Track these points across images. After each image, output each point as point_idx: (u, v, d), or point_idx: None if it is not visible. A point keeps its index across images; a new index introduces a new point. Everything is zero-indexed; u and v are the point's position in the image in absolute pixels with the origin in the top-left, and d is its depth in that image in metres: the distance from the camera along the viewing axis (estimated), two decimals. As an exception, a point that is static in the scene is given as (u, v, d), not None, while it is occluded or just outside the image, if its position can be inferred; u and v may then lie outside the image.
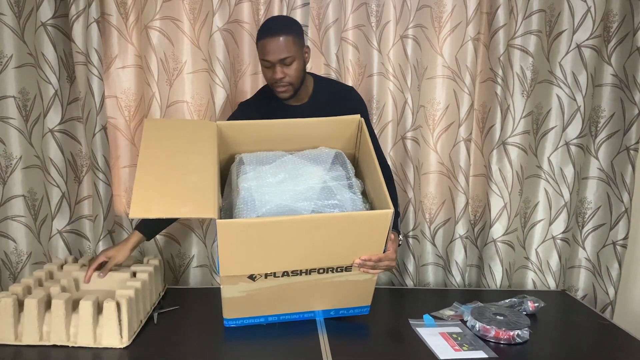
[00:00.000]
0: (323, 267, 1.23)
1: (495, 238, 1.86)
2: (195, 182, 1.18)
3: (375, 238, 1.21)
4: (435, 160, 1.89)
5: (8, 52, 1.70)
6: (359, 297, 1.37)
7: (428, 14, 1.79)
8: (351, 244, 1.20)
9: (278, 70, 1.37)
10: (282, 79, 1.38)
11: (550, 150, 1.85)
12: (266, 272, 1.21)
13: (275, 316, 1.36)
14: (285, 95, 1.43)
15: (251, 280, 1.22)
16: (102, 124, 1.71)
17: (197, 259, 1.88)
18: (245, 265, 1.19)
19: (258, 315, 1.35)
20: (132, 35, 1.78)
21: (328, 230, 1.16)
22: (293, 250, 1.18)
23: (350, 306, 1.39)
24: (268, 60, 1.37)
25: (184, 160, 1.23)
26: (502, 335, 1.33)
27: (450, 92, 1.83)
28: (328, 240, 1.18)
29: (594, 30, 1.75)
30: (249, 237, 1.13)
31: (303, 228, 1.15)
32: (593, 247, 1.89)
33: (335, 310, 1.40)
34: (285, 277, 1.23)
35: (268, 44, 1.35)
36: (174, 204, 1.13)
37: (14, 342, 1.25)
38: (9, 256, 1.80)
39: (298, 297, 1.32)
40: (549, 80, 1.82)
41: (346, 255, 1.22)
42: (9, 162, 1.76)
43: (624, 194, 1.81)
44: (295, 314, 1.38)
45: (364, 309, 1.41)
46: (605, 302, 1.87)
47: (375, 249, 1.23)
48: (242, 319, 1.35)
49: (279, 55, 1.35)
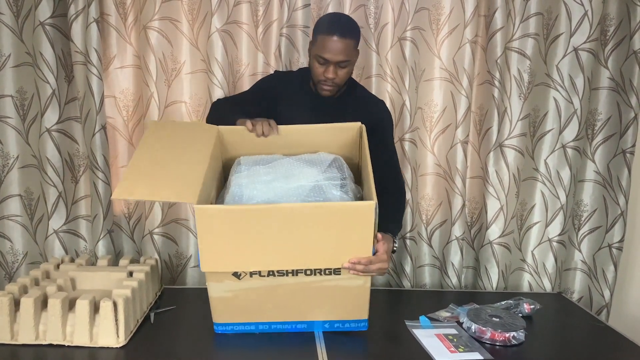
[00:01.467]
0: (310, 269, 1.20)
1: (492, 240, 1.87)
2: (184, 172, 1.20)
3: (360, 234, 1.16)
4: (432, 162, 1.90)
5: (6, 51, 1.70)
6: (353, 308, 1.30)
7: (426, 16, 1.80)
8: (336, 241, 1.17)
9: (331, 70, 1.37)
10: (333, 79, 1.39)
11: (547, 152, 1.86)
12: (250, 269, 1.19)
13: (266, 324, 1.31)
14: (328, 93, 1.44)
15: (236, 278, 1.21)
16: (102, 123, 1.71)
17: (194, 259, 1.87)
18: (228, 260, 1.18)
19: (248, 321, 1.30)
20: (131, 36, 1.78)
21: (309, 222, 1.14)
22: (276, 246, 1.17)
23: (345, 318, 1.32)
24: (326, 58, 1.36)
25: (178, 155, 1.27)
26: (498, 337, 1.33)
27: (448, 94, 1.84)
28: (311, 234, 1.15)
29: (591, 33, 1.76)
30: (228, 226, 1.13)
31: (283, 217, 1.13)
32: (589, 249, 1.90)
33: (330, 323, 1.32)
34: (272, 277, 1.21)
35: (331, 43, 1.34)
36: (156, 188, 1.16)
37: (10, 341, 1.24)
38: (5, 256, 1.79)
39: (288, 303, 1.27)
40: (546, 83, 1.83)
41: (332, 254, 1.18)
42: (5, 162, 1.76)
43: (620, 196, 1.82)
44: (288, 324, 1.32)
45: (360, 323, 1.32)
46: (601, 304, 1.88)
47: (363, 248, 1.18)
48: (232, 325, 1.31)
49: (339, 57, 1.35)
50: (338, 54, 1.35)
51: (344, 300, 1.28)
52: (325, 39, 1.35)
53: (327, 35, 1.34)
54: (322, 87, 1.42)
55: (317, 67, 1.39)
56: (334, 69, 1.37)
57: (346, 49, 1.35)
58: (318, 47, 1.37)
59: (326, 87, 1.42)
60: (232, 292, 1.23)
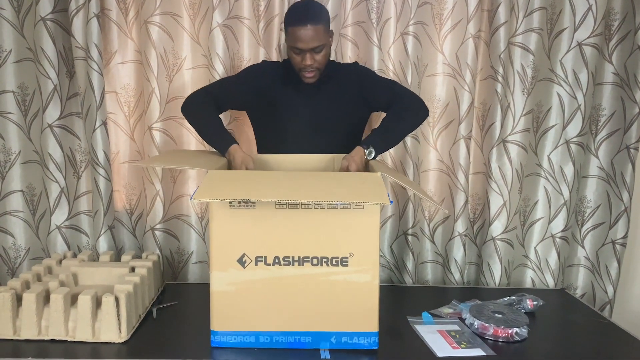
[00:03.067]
0: (317, 256, 1.20)
1: (495, 236, 1.86)
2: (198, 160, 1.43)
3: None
4: (435, 158, 1.89)
5: (7, 47, 1.70)
6: (362, 314, 1.23)
7: (429, 11, 1.79)
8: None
9: (308, 57, 1.42)
10: (312, 65, 1.43)
11: (550, 148, 1.85)
12: (256, 254, 1.19)
13: (267, 336, 1.23)
14: (311, 80, 1.49)
15: (241, 265, 1.20)
16: (102, 119, 1.71)
17: (196, 255, 1.87)
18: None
19: (248, 330, 1.23)
20: (132, 31, 1.78)
21: (319, 179, 1.24)
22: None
23: (353, 329, 1.23)
24: (300, 48, 1.41)
25: (193, 157, 1.51)
26: (500, 333, 1.33)
27: (451, 89, 1.83)
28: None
29: (595, 28, 1.75)
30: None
31: (289, 173, 1.26)
32: (592, 245, 1.89)
33: (337, 336, 1.23)
34: (277, 266, 1.20)
35: (300, 33, 1.38)
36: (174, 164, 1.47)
37: (13, 336, 1.24)
38: (7, 251, 1.80)
39: (292, 304, 1.22)
40: (549, 78, 1.82)
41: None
42: (7, 157, 1.76)
43: (623, 192, 1.81)
44: (290, 335, 1.23)
45: (370, 338, 1.23)
46: (604, 300, 1.87)
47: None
48: (231, 334, 1.23)
49: (311, 44, 1.40)
50: (310, 42, 1.40)
51: (352, 302, 1.22)
52: (295, 30, 1.39)
53: (296, 26, 1.39)
54: (304, 75, 1.48)
55: (294, 57, 1.45)
56: (310, 56, 1.43)
57: (317, 35, 1.40)
58: (290, 38, 1.42)
59: (308, 75, 1.47)
60: (235, 286, 1.21)
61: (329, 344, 1.24)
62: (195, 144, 1.84)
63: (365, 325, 1.23)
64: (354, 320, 1.23)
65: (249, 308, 1.22)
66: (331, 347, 1.24)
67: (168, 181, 1.84)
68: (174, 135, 1.82)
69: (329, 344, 1.24)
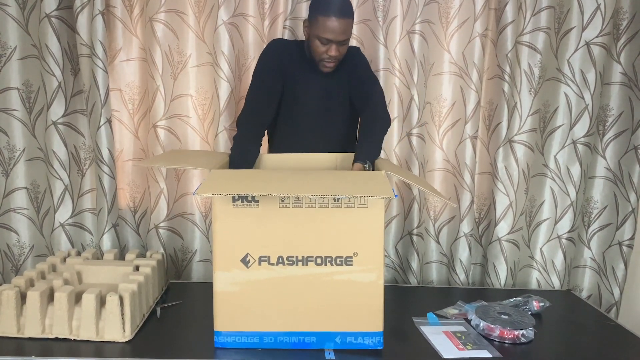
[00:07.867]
0: (320, 256, 1.19)
1: (500, 237, 1.85)
2: (200, 159, 1.43)
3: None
4: (440, 158, 1.88)
5: (12, 44, 1.69)
6: (367, 313, 1.21)
7: (435, 9, 1.77)
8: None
9: (334, 49, 1.42)
10: (336, 56, 1.44)
11: (557, 148, 1.83)
12: (260, 254, 1.18)
13: (271, 336, 1.22)
14: (329, 70, 1.49)
15: (244, 265, 1.19)
16: (107, 116, 1.70)
17: (199, 253, 1.87)
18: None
19: (252, 330, 1.22)
20: (137, 28, 1.77)
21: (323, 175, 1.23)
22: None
23: (357, 329, 1.22)
24: (329, 39, 1.40)
25: (196, 156, 1.50)
26: (506, 334, 1.32)
27: (457, 88, 1.82)
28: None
29: (604, 27, 1.73)
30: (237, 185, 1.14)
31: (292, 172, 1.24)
32: (599, 247, 1.88)
33: (341, 336, 1.22)
34: (281, 265, 1.19)
35: (333, 24, 1.38)
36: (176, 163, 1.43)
37: (17, 334, 1.24)
38: (11, 248, 1.79)
39: (296, 304, 1.21)
40: (557, 78, 1.80)
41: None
42: (12, 154, 1.75)
43: (631, 193, 1.79)
44: (295, 335, 1.22)
45: (375, 338, 1.22)
46: (611, 302, 1.85)
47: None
48: (234, 335, 1.22)
49: (341, 36, 1.40)
50: (340, 34, 1.40)
51: (356, 302, 1.21)
52: (327, 20, 1.38)
53: (328, 16, 1.38)
54: (324, 64, 1.47)
55: (319, 46, 1.43)
56: (337, 47, 1.42)
57: (348, 28, 1.41)
58: (320, 28, 1.40)
59: (329, 64, 1.47)
60: (238, 286, 1.20)
61: (333, 344, 1.23)
62: (200, 143, 1.84)
63: (370, 325, 1.22)
64: (359, 320, 1.22)
65: (252, 308, 1.22)
66: (336, 347, 1.23)
67: (172, 179, 1.83)
68: (179, 133, 1.82)
69: (333, 344, 1.23)
